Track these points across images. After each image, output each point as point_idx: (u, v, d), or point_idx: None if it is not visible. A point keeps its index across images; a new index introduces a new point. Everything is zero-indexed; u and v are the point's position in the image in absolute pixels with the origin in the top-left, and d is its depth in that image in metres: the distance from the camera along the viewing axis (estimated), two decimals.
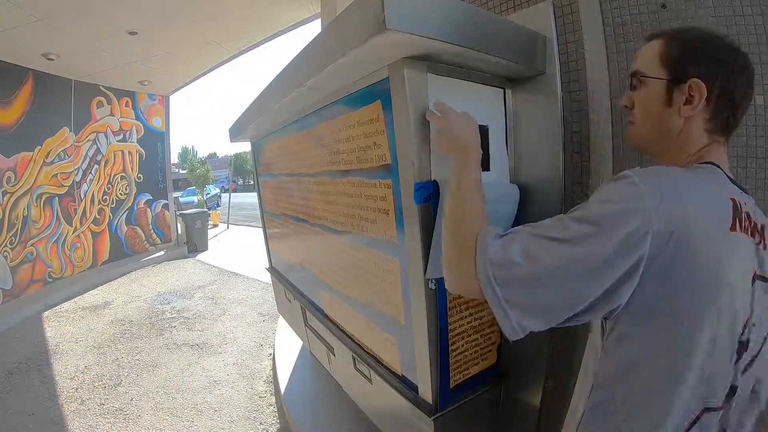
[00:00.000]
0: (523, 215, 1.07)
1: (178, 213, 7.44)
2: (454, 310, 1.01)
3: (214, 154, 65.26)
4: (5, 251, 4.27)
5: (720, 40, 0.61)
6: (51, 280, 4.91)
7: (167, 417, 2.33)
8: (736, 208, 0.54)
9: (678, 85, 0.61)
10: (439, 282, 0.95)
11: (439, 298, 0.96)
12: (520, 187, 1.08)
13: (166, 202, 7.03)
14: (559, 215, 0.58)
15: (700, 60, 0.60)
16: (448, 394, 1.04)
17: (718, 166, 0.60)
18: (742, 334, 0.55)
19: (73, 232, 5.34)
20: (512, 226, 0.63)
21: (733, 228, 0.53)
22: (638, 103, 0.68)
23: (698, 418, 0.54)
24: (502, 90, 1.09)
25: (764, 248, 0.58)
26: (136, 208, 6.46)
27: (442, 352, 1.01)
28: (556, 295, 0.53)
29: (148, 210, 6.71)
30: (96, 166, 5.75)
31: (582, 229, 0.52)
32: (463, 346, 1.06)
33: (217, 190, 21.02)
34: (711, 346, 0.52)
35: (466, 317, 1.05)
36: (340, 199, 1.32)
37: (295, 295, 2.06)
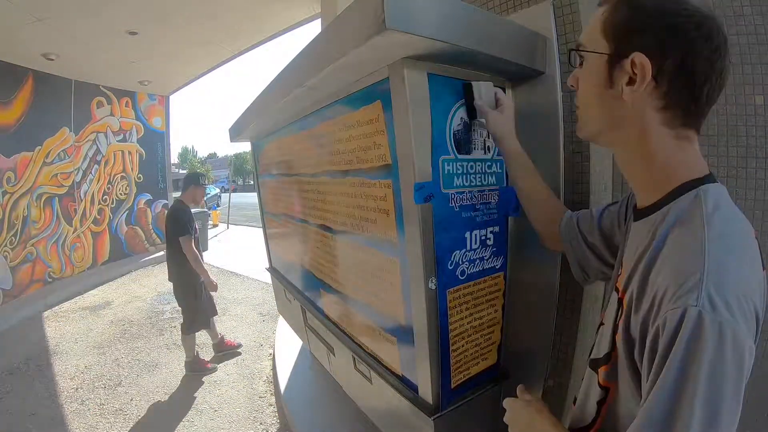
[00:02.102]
0: (523, 214, 1.07)
1: None
2: (454, 310, 1.01)
3: (214, 154, 65.26)
4: (5, 251, 4.27)
5: (678, 3, 0.47)
6: (51, 280, 4.91)
7: (167, 417, 2.33)
8: (760, 246, 0.47)
9: (619, 60, 0.50)
10: (439, 282, 0.95)
11: (439, 298, 0.96)
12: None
13: (166, 202, 7.03)
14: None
15: (648, 29, 0.47)
16: (449, 394, 1.04)
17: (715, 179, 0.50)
18: None
19: (73, 232, 5.33)
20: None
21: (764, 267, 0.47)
22: (580, 83, 0.57)
23: None
24: (502, 90, 1.08)
25: None
26: (136, 208, 6.46)
27: (443, 352, 1.00)
28: None
29: (148, 210, 6.71)
30: (96, 166, 5.75)
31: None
32: (463, 346, 1.06)
33: (217, 190, 21.01)
34: None
35: (466, 317, 1.05)
36: (340, 199, 1.32)
37: (295, 295, 2.06)
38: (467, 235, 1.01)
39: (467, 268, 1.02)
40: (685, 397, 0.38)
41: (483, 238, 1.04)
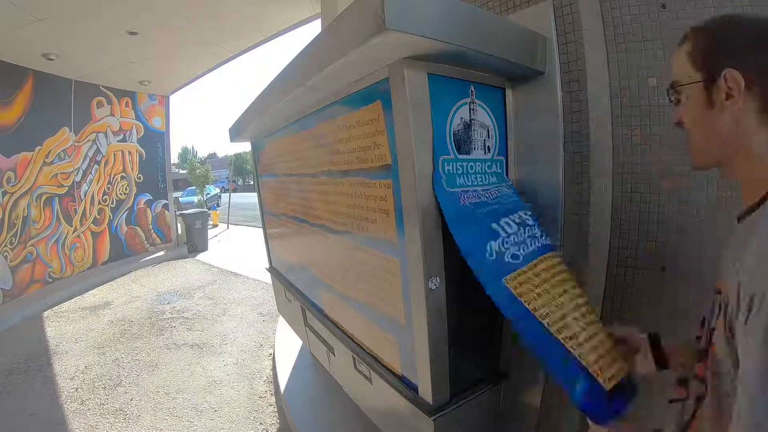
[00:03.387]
0: None
1: (178, 213, 7.44)
2: (529, 295, 0.86)
3: (214, 154, 65.19)
4: (5, 251, 4.27)
5: (746, 20, 0.55)
6: (51, 280, 4.91)
7: (167, 417, 2.33)
8: None
9: (714, 82, 0.54)
10: (487, 275, 0.86)
11: (438, 298, 0.96)
12: (519, 188, 1.08)
13: (166, 202, 7.03)
14: None
15: (732, 48, 0.53)
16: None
17: None
18: None
19: (73, 232, 5.33)
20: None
21: None
22: (686, 119, 0.60)
23: None
24: (502, 90, 1.09)
25: None
26: (136, 208, 6.46)
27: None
28: None
29: (148, 210, 6.71)
30: (96, 166, 5.75)
31: None
32: (581, 326, 0.83)
33: (217, 190, 21.01)
34: None
35: (555, 296, 0.92)
36: (340, 199, 1.32)
37: (295, 295, 2.06)
38: (494, 226, 0.92)
39: (518, 251, 0.90)
40: None
41: (518, 221, 0.96)
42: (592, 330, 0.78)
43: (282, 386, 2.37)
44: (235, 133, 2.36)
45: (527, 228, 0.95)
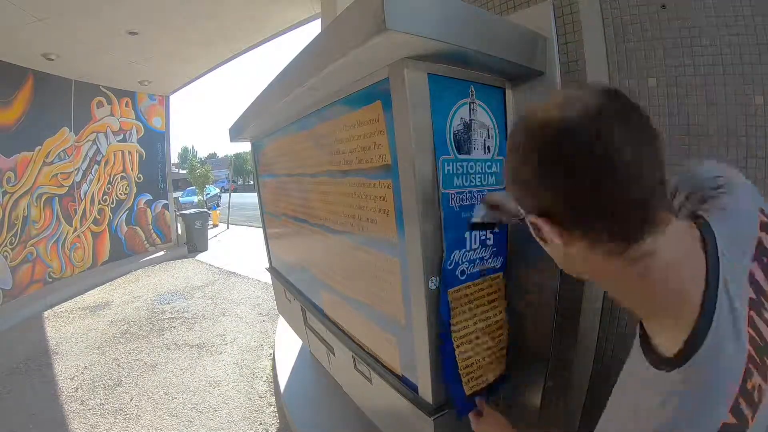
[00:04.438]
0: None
1: (178, 213, 7.44)
2: (457, 310, 1.00)
3: (214, 154, 65.29)
4: (5, 251, 4.27)
5: (531, 140, 0.43)
6: (51, 280, 4.91)
7: (167, 417, 2.33)
8: None
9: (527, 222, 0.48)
10: (439, 282, 0.95)
11: (438, 298, 0.96)
12: None
13: (166, 202, 7.03)
14: None
15: (518, 179, 0.46)
16: (463, 402, 1.04)
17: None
18: None
19: (73, 232, 5.34)
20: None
21: None
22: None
23: None
24: (502, 90, 1.09)
25: None
26: (136, 209, 6.46)
27: (447, 354, 1.00)
28: None
29: (148, 210, 6.71)
30: (96, 166, 5.75)
31: None
32: (473, 349, 1.04)
33: (217, 190, 21.01)
34: None
35: (470, 318, 1.04)
36: (340, 199, 1.32)
37: (295, 295, 2.06)
38: (467, 235, 1.01)
39: (467, 268, 1.02)
40: None
41: (483, 238, 1.04)
42: (479, 350, 1.05)
43: (282, 386, 2.37)
44: (235, 133, 2.36)
45: (486, 248, 1.05)
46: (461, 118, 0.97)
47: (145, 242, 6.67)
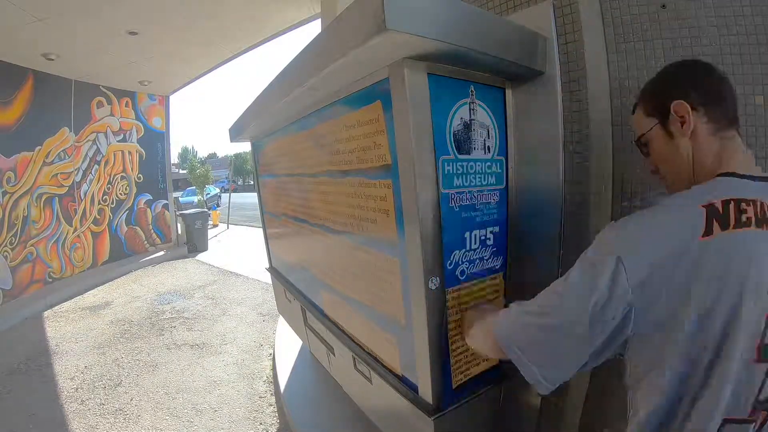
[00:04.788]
0: (523, 214, 1.08)
1: (178, 213, 7.44)
2: (453, 309, 1.01)
3: (214, 154, 65.26)
4: (5, 251, 4.27)
5: (672, 67, 0.72)
6: (51, 280, 4.91)
7: (167, 417, 2.33)
8: (715, 212, 0.55)
9: (667, 118, 0.68)
10: (439, 282, 0.95)
11: (438, 298, 0.96)
12: (519, 188, 1.08)
13: (166, 202, 7.03)
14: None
15: (669, 88, 0.69)
16: (450, 394, 1.04)
17: (729, 174, 0.62)
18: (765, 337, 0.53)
19: (73, 232, 5.33)
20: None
21: (708, 233, 0.54)
22: (658, 160, 0.74)
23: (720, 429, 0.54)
24: (502, 90, 1.09)
25: None
26: (136, 209, 6.46)
27: (443, 352, 1.00)
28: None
29: (148, 210, 6.71)
30: (96, 166, 5.75)
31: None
32: (463, 345, 1.06)
33: (217, 190, 21.00)
34: (702, 356, 0.54)
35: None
36: (340, 199, 1.32)
37: (295, 295, 2.06)
38: (467, 235, 1.01)
39: (467, 268, 1.02)
40: None
41: (483, 238, 1.04)
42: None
43: (282, 386, 2.37)
44: (235, 133, 2.36)
45: (486, 248, 1.06)
46: (461, 118, 0.97)
47: (145, 242, 6.67)
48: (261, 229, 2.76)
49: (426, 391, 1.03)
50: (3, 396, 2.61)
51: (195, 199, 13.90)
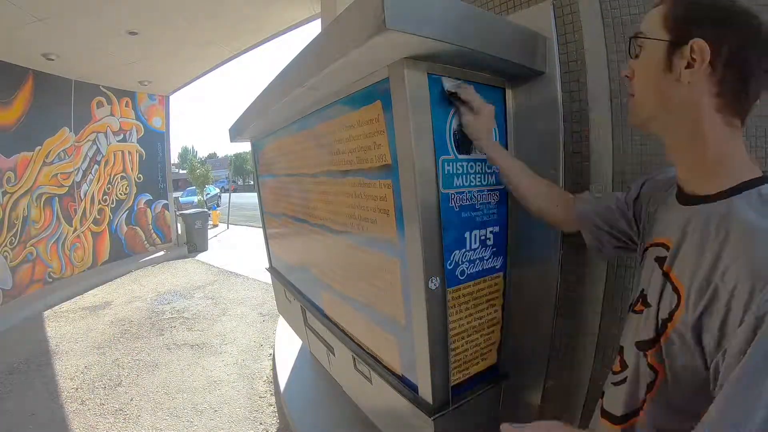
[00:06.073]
0: (523, 214, 1.07)
1: (178, 213, 7.44)
2: (454, 309, 1.01)
3: (214, 154, 65.27)
4: (5, 251, 4.27)
5: (732, 2, 0.53)
6: (51, 280, 4.91)
7: (167, 417, 2.33)
8: None
9: (679, 47, 0.53)
10: (439, 282, 0.95)
11: (438, 298, 0.96)
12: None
13: (166, 202, 7.02)
14: None
15: (706, 20, 0.52)
16: (447, 393, 1.04)
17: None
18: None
19: (73, 232, 5.33)
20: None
21: None
22: (638, 71, 0.61)
23: None
24: (502, 90, 1.09)
25: None
26: (136, 209, 6.46)
27: (443, 352, 1.00)
28: None
29: (148, 210, 6.71)
30: (96, 166, 5.75)
31: None
32: (463, 345, 1.06)
33: (217, 190, 21.00)
34: None
35: (465, 317, 1.05)
36: (340, 199, 1.32)
37: (295, 295, 2.06)
38: (467, 235, 1.01)
39: (467, 268, 1.02)
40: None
41: (483, 238, 1.04)
42: (469, 345, 1.08)
43: (282, 386, 2.37)
44: (235, 133, 2.36)
45: (486, 248, 1.05)
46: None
47: (145, 242, 6.67)
48: (261, 229, 2.76)
49: (426, 391, 1.03)
50: (3, 396, 2.61)
51: (195, 199, 13.89)
